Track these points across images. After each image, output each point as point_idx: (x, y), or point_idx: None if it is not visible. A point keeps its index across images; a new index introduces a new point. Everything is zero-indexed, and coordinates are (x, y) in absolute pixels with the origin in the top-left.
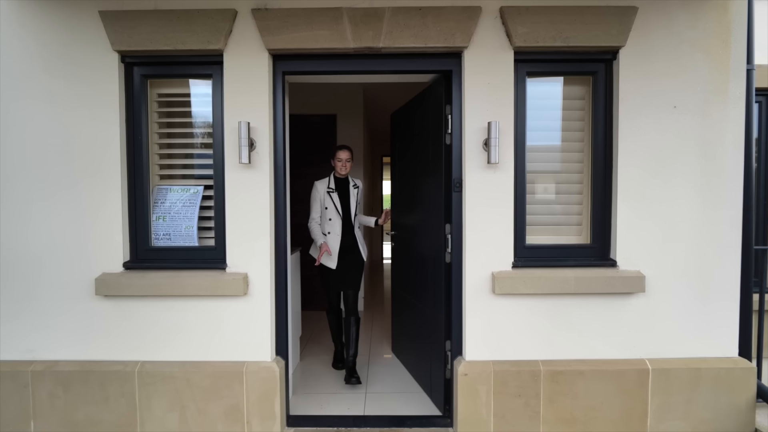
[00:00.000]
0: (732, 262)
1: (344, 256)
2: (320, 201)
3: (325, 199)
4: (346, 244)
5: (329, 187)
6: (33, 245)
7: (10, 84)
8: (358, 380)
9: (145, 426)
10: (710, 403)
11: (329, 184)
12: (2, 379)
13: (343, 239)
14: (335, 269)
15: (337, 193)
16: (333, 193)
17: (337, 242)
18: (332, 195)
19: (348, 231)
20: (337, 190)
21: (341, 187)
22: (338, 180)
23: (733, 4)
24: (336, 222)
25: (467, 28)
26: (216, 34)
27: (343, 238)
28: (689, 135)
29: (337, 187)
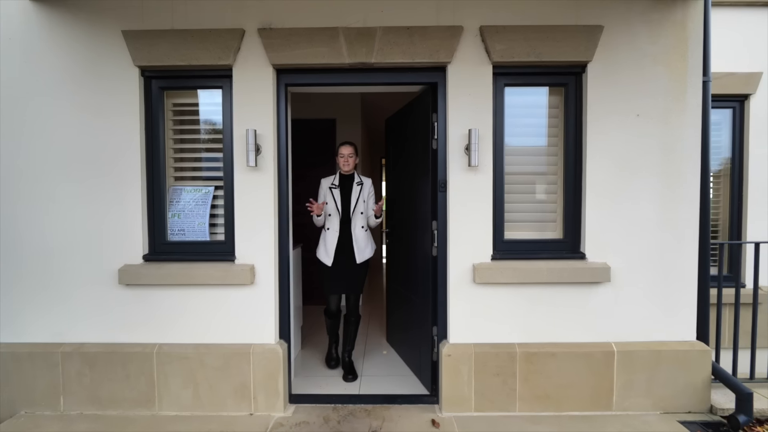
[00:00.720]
0: (690, 255)
1: (341, 255)
2: (323, 196)
3: (327, 195)
4: (344, 243)
5: (333, 183)
6: (62, 240)
7: (43, 94)
8: (354, 377)
9: (162, 401)
10: (669, 381)
11: (333, 180)
12: (35, 359)
13: (341, 237)
14: (331, 267)
15: (340, 190)
16: (335, 189)
17: (334, 239)
18: (334, 191)
19: (347, 228)
20: (341, 187)
21: (345, 184)
22: (343, 177)
23: (690, 22)
24: (335, 218)
25: (450, 45)
26: (226, 50)
27: (341, 236)
28: (651, 140)
29: (341, 184)
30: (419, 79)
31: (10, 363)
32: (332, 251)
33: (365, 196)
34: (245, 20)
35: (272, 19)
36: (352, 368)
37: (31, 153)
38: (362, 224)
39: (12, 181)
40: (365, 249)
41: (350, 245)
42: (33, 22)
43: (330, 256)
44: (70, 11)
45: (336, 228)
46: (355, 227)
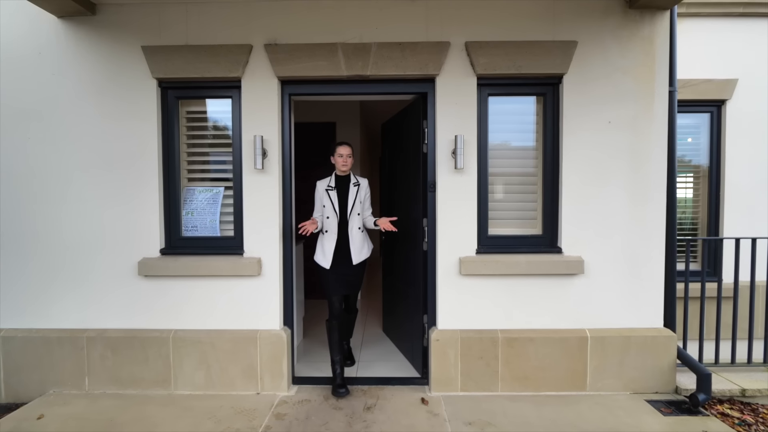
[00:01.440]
0: (657, 249)
1: (339, 257)
2: (320, 199)
3: (324, 197)
4: (342, 244)
5: (329, 185)
6: (88, 236)
7: (70, 103)
8: (352, 362)
9: (178, 382)
10: (638, 365)
11: (329, 182)
12: (63, 343)
13: (339, 239)
14: (330, 269)
15: (337, 191)
16: (332, 191)
17: (332, 242)
18: (330, 193)
19: (344, 230)
20: (337, 188)
21: (341, 185)
22: (339, 178)
23: (657, 38)
24: (333, 220)
25: (438, 59)
26: (235, 64)
27: (339, 238)
28: (621, 145)
29: (337, 185)
30: (410, 90)
31: (40, 346)
32: (330, 254)
33: (362, 197)
34: (253, 37)
35: (277, 35)
36: (350, 354)
37: (61, 157)
38: (359, 225)
39: (43, 183)
40: (362, 250)
41: (347, 247)
42: (61, 37)
43: (328, 259)
44: (94, 28)
45: (334, 230)
46: (352, 228)
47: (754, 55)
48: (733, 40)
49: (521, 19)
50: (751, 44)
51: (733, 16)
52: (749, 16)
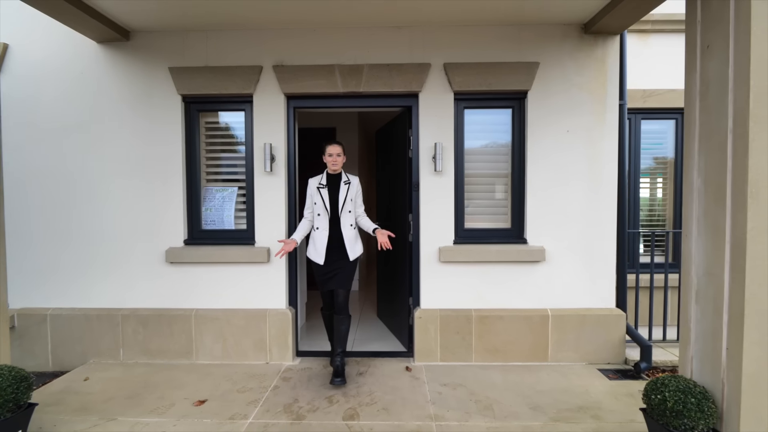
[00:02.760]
0: (609, 241)
1: (332, 253)
2: (311, 197)
3: (315, 195)
4: (334, 240)
5: (320, 183)
6: (124, 229)
7: (108, 116)
8: (343, 381)
9: (199, 353)
10: (593, 339)
11: (321, 180)
12: (101, 320)
13: (331, 235)
14: (323, 265)
15: (328, 189)
16: (323, 189)
17: (324, 238)
18: (322, 191)
19: (336, 227)
20: (328, 186)
21: (333, 183)
22: (330, 176)
23: (609, 58)
24: (324, 218)
25: (421, 78)
26: (248, 82)
27: (331, 235)
28: (578, 151)
29: (329, 183)
30: (397, 104)
31: (82, 323)
32: (323, 250)
33: (353, 194)
34: (263, 59)
35: (283, 58)
36: (343, 370)
37: (100, 162)
38: (350, 222)
39: (85, 185)
40: (354, 246)
41: (340, 243)
42: (100, 60)
43: (321, 255)
44: (128, 52)
45: (325, 227)
46: (344, 225)
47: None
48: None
49: (491, 43)
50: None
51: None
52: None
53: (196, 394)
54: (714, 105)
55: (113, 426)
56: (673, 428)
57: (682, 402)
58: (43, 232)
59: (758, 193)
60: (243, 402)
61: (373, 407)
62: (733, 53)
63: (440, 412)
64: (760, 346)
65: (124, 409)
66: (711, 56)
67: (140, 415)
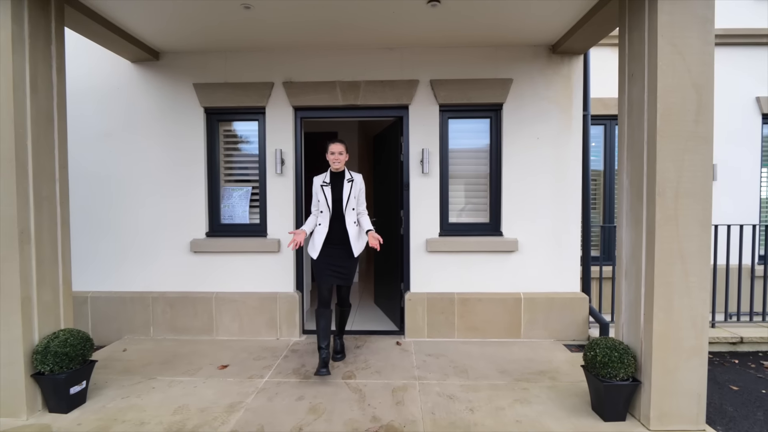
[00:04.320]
0: (574, 233)
1: (332, 249)
2: (315, 194)
3: (318, 193)
4: (335, 237)
5: (324, 181)
6: (155, 223)
7: (140, 125)
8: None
9: (219, 330)
10: (560, 320)
11: (324, 178)
12: (135, 302)
13: (331, 231)
14: (325, 260)
15: (331, 187)
16: (327, 186)
17: (323, 234)
18: (325, 189)
19: (338, 223)
20: (332, 184)
21: (336, 181)
22: (334, 174)
23: (574, 74)
24: (326, 214)
25: (410, 92)
26: (261, 96)
27: (331, 231)
28: (547, 155)
29: (332, 181)
30: (390, 114)
31: (119, 304)
32: (319, 246)
33: (356, 192)
34: (274, 76)
35: (292, 75)
36: (342, 348)
37: (133, 165)
38: (354, 219)
39: (120, 185)
40: (358, 243)
41: (344, 240)
42: (133, 76)
43: (317, 249)
44: (158, 70)
45: (326, 224)
46: (349, 222)
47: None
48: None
49: (471, 62)
50: None
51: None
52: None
53: (219, 361)
54: (636, 121)
55: (154, 383)
56: (601, 377)
57: (608, 356)
58: (85, 225)
59: (664, 191)
60: (259, 367)
61: (367, 371)
62: (647, 81)
63: (423, 374)
64: (665, 312)
65: (160, 371)
66: (634, 83)
67: (174, 375)
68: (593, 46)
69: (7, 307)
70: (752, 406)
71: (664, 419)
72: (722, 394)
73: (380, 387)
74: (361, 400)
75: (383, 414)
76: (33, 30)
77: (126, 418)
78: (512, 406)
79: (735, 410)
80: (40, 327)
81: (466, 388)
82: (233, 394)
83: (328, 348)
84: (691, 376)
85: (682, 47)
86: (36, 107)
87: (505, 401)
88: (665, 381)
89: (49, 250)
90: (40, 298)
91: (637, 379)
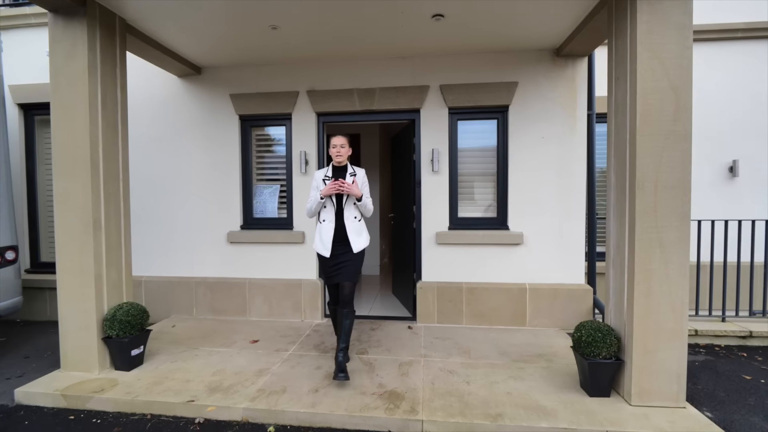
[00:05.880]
0: (579, 228)
1: (337, 246)
2: (315, 188)
3: (320, 186)
4: (339, 233)
5: (326, 175)
6: (196, 216)
7: (185, 132)
8: (346, 377)
9: (251, 312)
10: (564, 309)
11: (327, 172)
12: (180, 285)
13: (336, 227)
14: (329, 257)
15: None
16: (329, 180)
17: (330, 230)
18: (327, 183)
19: (340, 219)
20: (334, 178)
21: (338, 175)
22: (336, 168)
23: (578, 76)
24: (330, 210)
25: (421, 97)
26: (288, 104)
27: (336, 226)
28: (552, 153)
29: (334, 176)
30: (403, 117)
31: (166, 287)
32: (329, 242)
33: (359, 185)
34: (299, 86)
35: (314, 84)
36: (345, 366)
37: (179, 166)
38: (355, 214)
39: (168, 183)
40: (359, 238)
41: (344, 235)
42: (179, 89)
43: (327, 247)
44: (200, 83)
45: (331, 219)
46: (348, 218)
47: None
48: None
49: (478, 67)
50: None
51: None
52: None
53: (250, 336)
54: (620, 121)
55: (196, 352)
56: (586, 355)
57: (592, 336)
58: (140, 219)
59: (643, 185)
60: (285, 342)
61: (379, 348)
62: (629, 85)
63: (429, 353)
64: (646, 297)
65: (202, 343)
66: (619, 86)
67: (213, 346)
68: (599, 46)
69: (84, 282)
70: (745, 393)
71: (644, 396)
72: (718, 381)
73: (389, 362)
74: (370, 371)
75: (388, 382)
76: (103, 57)
77: (175, 377)
78: (506, 381)
79: (727, 395)
80: (108, 299)
81: (466, 366)
82: (262, 363)
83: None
84: (670, 356)
85: (660, 53)
86: (105, 120)
87: (500, 377)
88: (645, 360)
89: (115, 237)
90: (109, 276)
91: (621, 359)
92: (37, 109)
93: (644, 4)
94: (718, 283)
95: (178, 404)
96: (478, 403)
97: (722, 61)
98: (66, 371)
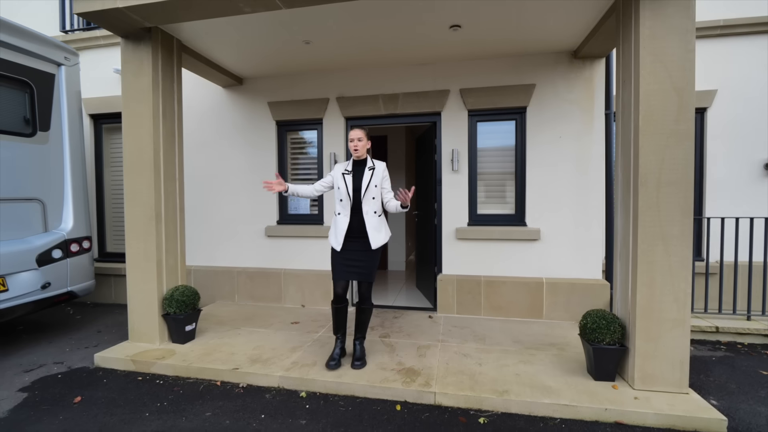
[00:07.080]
0: (597, 226)
1: (351, 241)
2: (332, 179)
3: (339, 180)
4: (355, 228)
5: (345, 169)
6: (239, 214)
7: (227, 137)
8: (363, 363)
9: (286, 299)
10: (581, 304)
11: (347, 167)
12: (224, 274)
13: (352, 222)
14: (340, 252)
15: (352, 175)
16: (348, 175)
17: (345, 223)
18: (346, 177)
19: (358, 214)
20: (353, 172)
21: (357, 169)
22: (356, 162)
23: (596, 77)
24: (346, 204)
25: (442, 101)
26: (320, 110)
27: (351, 222)
28: (569, 152)
29: (354, 170)
30: (426, 120)
31: (212, 276)
32: (342, 236)
33: (378, 180)
34: (329, 93)
35: (343, 92)
36: (362, 355)
37: (222, 167)
38: (375, 209)
39: (213, 183)
40: (378, 234)
41: (362, 231)
42: (223, 98)
43: (339, 241)
44: (241, 93)
45: (347, 213)
46: (367, 212)
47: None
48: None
49: (496, 71)
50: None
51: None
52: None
53: (287, 320)
54: (626, 121)
55: (239, 331)
56: (590, 341)
57: (596, 323)
58: (187, 215)
59: (646, 182)
60: (315, 326)
61: (400, 333)
62: (633, 87)
63: (446, 338)
64: (648, 287)
65: (243, 325)
66: (625, 88)
67: (253, 327)
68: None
69: (148, 267)
70: (757, 386)
71: (647, 380)
72: (732, 375)
73: (408, 345)
74: (391, 352)
75: (407, 361)
76: (164, 74)
77: (221, 350)
78: (516, 365)
79: (738, 387)
80: (167, 282)
81: (480, 350)
82: (295, 341)
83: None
84: (673, 344)
85: (663, 56)
86: (165, 129)
87: (510, 361)
88: (648, 347)
89: (172, 228)
90: (167, 262)
91: (625, 345)
92: (105, 118)
93: (647, 10)
94: (743, 282)
95: (225, 371)
96: (488, 381)
97: (759, 57)
98: (133, 342)
